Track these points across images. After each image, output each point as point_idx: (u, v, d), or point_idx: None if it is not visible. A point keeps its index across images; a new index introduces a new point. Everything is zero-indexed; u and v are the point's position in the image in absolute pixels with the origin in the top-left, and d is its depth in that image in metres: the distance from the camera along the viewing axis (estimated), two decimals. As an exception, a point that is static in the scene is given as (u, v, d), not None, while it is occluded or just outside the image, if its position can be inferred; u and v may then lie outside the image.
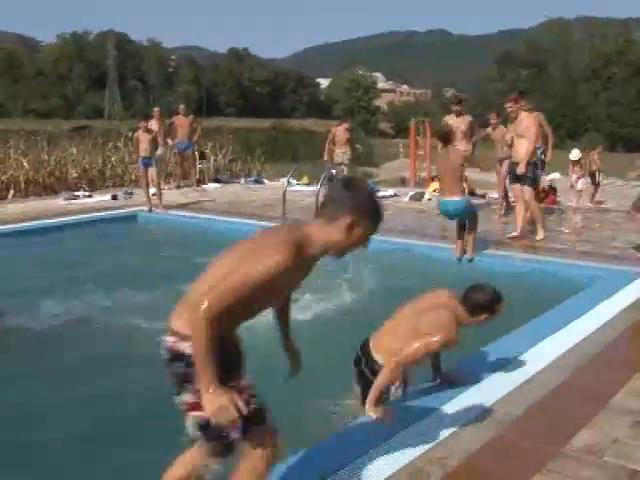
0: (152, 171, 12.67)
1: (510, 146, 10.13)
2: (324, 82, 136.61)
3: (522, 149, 9.43)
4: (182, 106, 16.55)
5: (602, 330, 5.62)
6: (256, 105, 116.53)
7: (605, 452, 3.56)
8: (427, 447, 3.59)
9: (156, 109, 15.89)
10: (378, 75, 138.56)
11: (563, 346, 5.17)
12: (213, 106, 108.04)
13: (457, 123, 11.89)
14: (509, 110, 9.80)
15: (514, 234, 9.74)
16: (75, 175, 17.20)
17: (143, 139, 12.60)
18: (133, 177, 18.46)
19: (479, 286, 4.09)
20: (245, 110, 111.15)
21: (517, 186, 9.71)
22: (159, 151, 12.95)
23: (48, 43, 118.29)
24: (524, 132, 9.42)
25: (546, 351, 5.06)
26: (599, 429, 3.83)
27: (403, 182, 19.91)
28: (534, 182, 9.71)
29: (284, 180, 18.53)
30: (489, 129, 12.35)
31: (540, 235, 9.67)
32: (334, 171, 14.71)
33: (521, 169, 9.34)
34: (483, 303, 4.02)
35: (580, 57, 72.53)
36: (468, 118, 12.38)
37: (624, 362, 5.03)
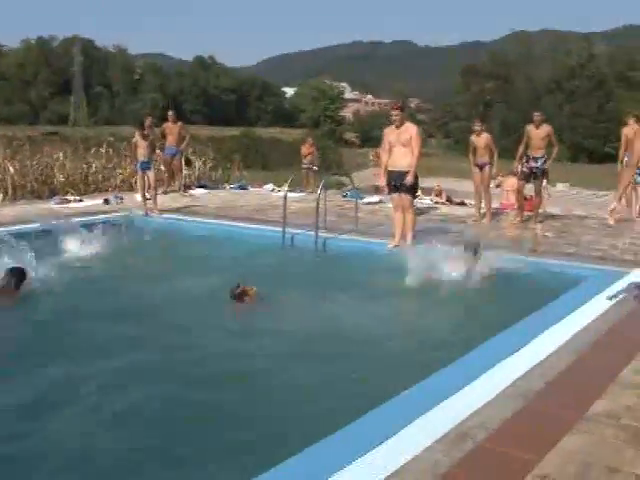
0: (150, 175, 13.08)
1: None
2: (289, 91, 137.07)
3: (404, 158, 9.56)
4: (171, 113, 16.90)
5: (597, 321, 6.20)
6: (222, 113, 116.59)
7: (622, 417, 4.11)
8: (466, 415, 4.09)
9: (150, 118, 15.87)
10: (344, 85, 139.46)
11: (567, 333, 5.74)
12: (179, 114, 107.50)
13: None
14: (394, 118, 9.70)
15: (393, 244, 9.85)
16: (62, 180, 17.46)
17: (141, 144, 13.01)
18: (118, 182, 18.80)
19: None
20: (211, 118, 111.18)
21: (396, 195, 9.86)
22: None
23: (11, 48, 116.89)
24: (407, 142, 9.55)
25: (554, 337, 5.62)
26: (612, 399, 4.38)
27: (377, 191, 20.39)
28: (414, 190, 9.92)
29: (268, 187, 19.21)
30: (473, 136, 12.89)
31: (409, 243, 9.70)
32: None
33: (409, 180, 9.55)
34: None
35: (544, 70, 74.12)
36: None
37: (623, 346, 5.61)
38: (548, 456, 3.62)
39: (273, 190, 18.56)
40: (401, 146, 9.62)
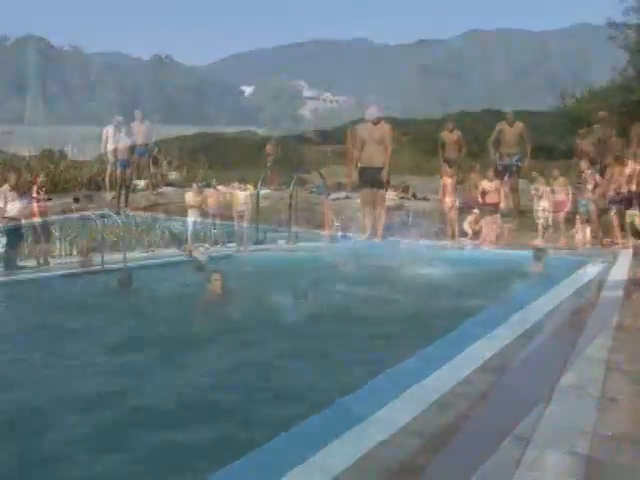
0: (128, 173, 13.37)
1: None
2: (248, 89, 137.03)
3: (377, 155, 10.13)
4: (138, 112, 17.02)
5: (564, 304, 6.68)
6: (180, 112, 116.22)
7: (587, 387, 4.54)
8: (449, 387, 4.48)
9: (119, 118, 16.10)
10: (302, 83, 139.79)
11: (538, 314, 6.25)
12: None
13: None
14: (371, 115, 10.32)
15: (364, 237, 10.44)
16: (30, 179, 17.50)
17: (126, 142, 13.31)
18: (85, 181, 18.90)
19: None
20: (170, 117, 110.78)
21: (367, 191, 10.47)
22: None
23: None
24: (380, 140, 10.12)
25: (524, 320, 6.09)
26: (578, 372, 4.81)
27: (339, 187, 20.70)
28: (387, 186, 10.51)
29: (234, 185, 19.43)
30: (445, 132, 13.36)
31: (379, 237, 10.36)
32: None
33: (385, 177, 10.13)
34: None
35: (500, 68, 75.40)
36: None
37: (587, 325, 6.10)
38: (525, 421, 4.01)
39: (240, 188, 18.81)
40: (374, 143, 10.02)
